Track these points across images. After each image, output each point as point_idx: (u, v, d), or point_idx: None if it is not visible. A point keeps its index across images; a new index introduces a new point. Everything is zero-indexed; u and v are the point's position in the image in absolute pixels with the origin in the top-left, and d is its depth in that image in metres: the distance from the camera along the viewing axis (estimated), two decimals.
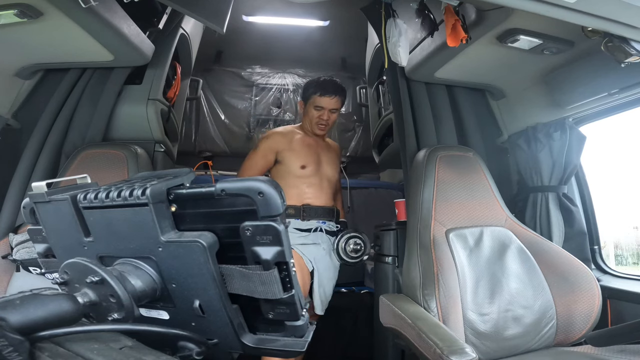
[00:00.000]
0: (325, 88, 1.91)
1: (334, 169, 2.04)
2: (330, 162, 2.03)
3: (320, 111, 1.92)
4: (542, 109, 1.73)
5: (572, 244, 1.68)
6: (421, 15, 1.49)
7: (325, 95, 1.90)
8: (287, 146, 1.92)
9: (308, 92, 1.96)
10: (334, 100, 1.91)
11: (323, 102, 1.90)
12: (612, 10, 0.96)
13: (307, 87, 1.99)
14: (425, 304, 1.31)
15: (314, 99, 1.92)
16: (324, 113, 1.92)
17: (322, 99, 1.90)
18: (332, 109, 1.93)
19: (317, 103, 1.91)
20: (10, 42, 1.45)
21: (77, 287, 0.48)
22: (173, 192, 0.51)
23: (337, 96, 1.92)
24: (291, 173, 1.90)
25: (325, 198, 1.95)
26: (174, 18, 2.05)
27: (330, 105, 1.92)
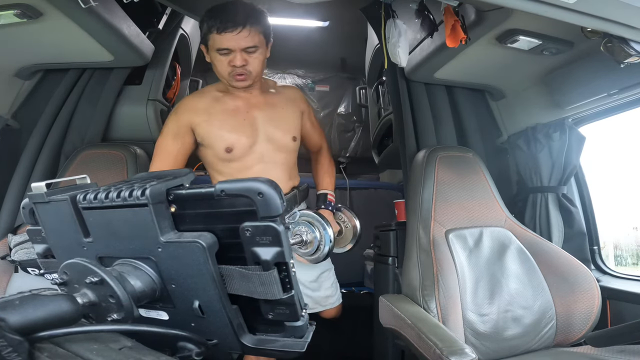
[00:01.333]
0: (224, 18, 1.24)
1: (285, 129, 1.44)
2: (279, 121, 1.43)
3: (229, 55, 1.28)
4: (542, 109, 1.73)
5: (571, 244, 1.68)
6: (421, 15, 1.50)
7: (226, 30, 1.24)
8: (204, 118, 1.35)
9: (203, 30, 1.30)
10: (241, 34, 1.25)
11: (226, 40, 1.25)
12: (612, 11, 0.96)
13: (201, 23, 1.32)
14: (425, 304, 1.31)
15: (213, 39, 1.27)
16: (236, 56, 1.28)
17: (223, 36, 1.25)
18: (246, 47, 1.27)
19: (218, 45, 1.27)
20: (10, 42, 1.45)
21: (77, 288, 0.48)
22: (172, 193, 0.51)
23: (247, 26, 1.25)
24: (217, 157, 1.38)
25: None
26: (173, 18, 2.05)
27: (240, 42, 1.26)
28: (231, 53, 1.28)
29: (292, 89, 1.57)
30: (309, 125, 1.58)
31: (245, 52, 1.28)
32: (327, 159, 1.65)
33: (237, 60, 1.28)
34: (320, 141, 1.64)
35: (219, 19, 1.25)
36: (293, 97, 1.51)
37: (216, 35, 1.25)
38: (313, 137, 1.61)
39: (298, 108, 1.51)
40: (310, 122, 1.58)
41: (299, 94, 1.55)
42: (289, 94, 1.51)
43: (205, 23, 1.28)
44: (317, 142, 1.64)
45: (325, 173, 1.61)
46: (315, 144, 1.64)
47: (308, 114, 1.57)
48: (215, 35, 1.26)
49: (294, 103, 1.50)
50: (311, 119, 1.59)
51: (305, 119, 1.55)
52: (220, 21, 1.24)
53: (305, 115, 1.55)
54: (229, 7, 1.27)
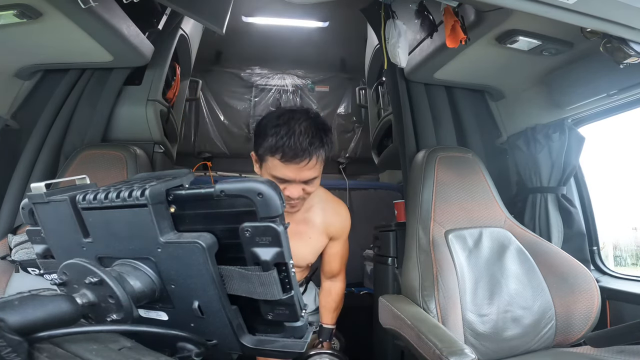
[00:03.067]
0: (291, 147, 1.04)
1: (305, 254, 1.35)
2: (304, 244, 1.33)
3: (284, 184, 1.11)
4: (541, 110, 1.73)
5: (571, 244, 1.68)
6: (420, 16, 1.50)
7: (291, 161, 1.05)
8: None
9: (261, 147, 1.09)
10: (307, 166, 1.07)
11: (289, 171, 1.07)
12: (611, 11, 0.96)
13: (259, 132, 1.11)
14: (425, 304, 1.31)
15: (272, 163, 1.08)
16: (293, 188, 1.11)
17: (286, 166, 1.06)
18: (307, 179, 1.11)
19: (278, 174, 1.08)
20: (10, 43, 1.45)
21: (76, 288, 0.48)
22: (172, 193, 0.51)
23: (314, 156, 1.07)
24: None
25: None
26: (173, 19, 2.05)
27: (303, 175, 1.09)
28: (289, 183, 1.11)
29: (335, 210, 1.37)
30: (333, 252, 1.42)
31: (305, 183, 1.13)
32: (339, 295, 1.49)
33: (294, 192, 1.12)
34: (337, 270, 1.47)
35: (287, 144, 1.03)
36: (330, 222, 1.35)
37: (278, 162, 1.06)
38: (331, 264, 1.45)
39: (327, 236, 1.37)
40: (336, 248, 1.41)
41: (338, 220, 1.36)
42: (326, 220, 1.34)
43: (268, 138, 1.06)
44: (334, 270, 1.46)
45: (333, 311, 1.48)
46: (330, 271, 1.46)
47: (339, 241, 1.40)
48: (276, 161, 1.06)
49: (327, 230, 1.35)
50: (339, 245, 1.41)
51: (332, 244, 1.40)
52: (288, 147, 1.03)
53: (335, 242, 1.40)
54: (299, 126, 1.06)
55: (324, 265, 1.46)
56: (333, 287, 1.49)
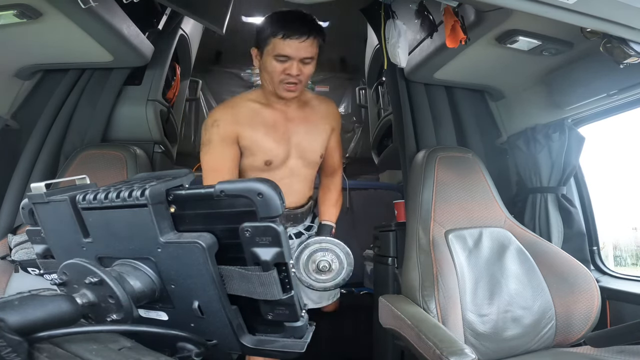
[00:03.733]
0: (291, 26, 1.22)
1: (316, 147, 1.44)
2: (311, 138, 1.43)
3: (285, 62, 1.25)
4: (541, 109, 1.73)
5: (571, 244, 1.68)
6: (420, 16, 1.50)
7: (292, 37, 1.22)
8: (247, 130, 1.34)
9: (264, 33, 1.26)
10: (305, 43, 1.23)
11: (289, 47, 1.23)
12: (611, 11, 0.96)
13: (263, 27, 1.28)
14: (425, 304, 1.31)
15: (274, 44, 1.24)
16: (293, 65, 1.25)
17: (287, 42, 1.22)
18: (305, 57, 1.26)
19: (280, 50, 1.24)
20: (10, 43, 1.45)
21: (76, 288, 0.48)
22: (172, 193, 0.51)
23: (311, 37, 1.24)
24: (255, 168, 1.38)
25: (297, 196, 1.46)
26: (173, 19, 2.05)
27: (301, 52, 1.24)
28: (288, 61, 1.25)
29: (327, 103, 1.50)
30: (333, 144, 1.52)
31: (302, 62, 1.26)
32: (338, 189, 1.57)
33: (294, 69, 1.25)
34: (338, 164, 1.57)
35: (286, 24, 1.22)
36: (327, 112, 1.47)
37: (280, 40, 1.22)
38: (332, 157, 1.54)
39: (330, 125, 1.48)
40: (335, 140, 1.52)
41: (333, 110, 1.51)
42: (324, 110, 1.47)
43: (269, 26, 1.24)
44: (334, 164, 1.56)
45: (333, 205, 1.53)
46: (331, 165, 1.55)
47: (336, 132, 1.52)
48: (278, 40, 1.22)
49: (327, 119, 1.47)
50: (337, 137, 1.53)
51: (332, 136, 1.50)
52: (287, 27, 1.21)
53: (334, 133, 1.51)
54: (295, 15, 1.25)
55: (326, 160, 1.52)
56: (332, 183, 1.56)
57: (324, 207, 1.52)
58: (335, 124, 1.51)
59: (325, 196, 1.55)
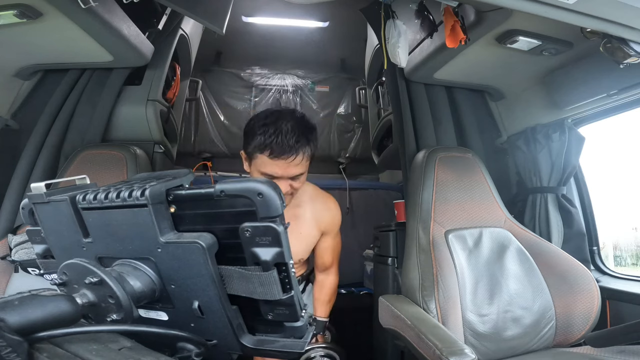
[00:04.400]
0: (279, 143, 1.09)
1: (299, 250, 1.38)
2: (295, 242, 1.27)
3: (273, 179, 1.14)
4: (541, 110, 1.73)
5: (571, 245, 1.68)
6: (420, 16, 1.50)
7: (280, 157, 1.11)
8: None
9: (250, 144, 1.15)
10: (295, 161, 1.13)
11: (277, 167, 1.13)
12: (611, 11, 0.96)
13: (249, 134, 1.16)
14: (425, 305, 1.31)
15: (261, 160, 1.13)
16: (281, 183, 1.15)
17: (274, 162, 1.12)
18: (294, 175, 1.16)
19: (267, 170, 1.14)
20: (10, 43, 1.45)
21: (76, 288, 0.48)
22: (172, 193, 0.51)
23: (300, 153, 1.13)
24: None
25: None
26: (173, 19, 2.05)
27: (290, 171, 1.14)
28: (276, 179, 1.15)
29: (323, 205, 1.40)
30: (325, 245, 1.45)
31: (292, 179, 1.18)
32: (332, 288, 1.52)
33: (282, 188, 1.14)
34: (330, 263, 1.49)
35: (273, 141, 1.09)
36: (319, 217, 1.38)
37: (266, 158, 1.12)
38: (323, 258, 1.48)
39: (319, 230, 1.40)
40: (327, 242, 1.45)
41: (327, 213, 1.40)
42: (316, 213, 1.38)
43: (256, 137, 1.12)
44: (326, 264, 1.49)
45: (326, 303, 1.50)
46: (323, 264, 1.49)
47: (330, 234, 1.44)
48: (264, 158, 1.12)
49: (318, 225, 1.39)
50: (330, 239, 1.45)
51: (324, 238, 1.43)
52: (276, 144, 1.09)
53: (325, 236, 1.43)
54: (285, 125, 1.12)
55: (317, 258, 1.49)
56: (326, 280, 1.52)
57: (317, 304, 1.51)
58: (329, 228, 1.42)
59: (319, 293, 1.51)
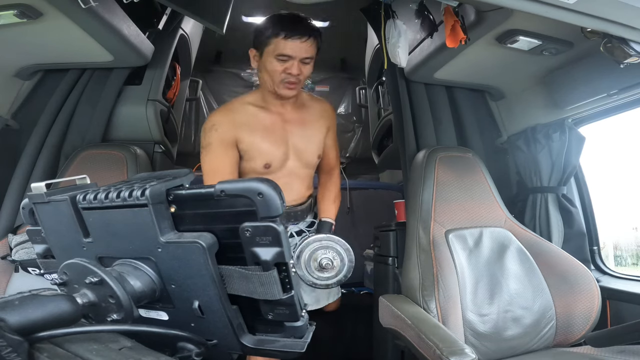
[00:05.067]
0: (293, 26, 1.26)
1: (313, 148, 1.46)
2: (308, 139, 1.45)
3: (286, 62, 1.28)
4: (542, 109, 1.73)
5: (571, 244, 1.68)
6: (420, 16, 1.50)
7: (293, 37, 1.25)
8: (246, 133, 1.35)
9: (264, 34, 1.28)
10: (306, 44, 1.27)
11: (290, 47, 1.26)
12: (611, 11, 0.96)
13: (263, 28, 1.30)
14: (425, 304, 1.31)
15: (276, 44, 1.26)
16: (293, 65, 1.28)
17: (288, 42, 1.26)
18: (305, 57, 1.29)
19: (281, 50, 1.26)
20: (10, 43, 1.45)
21: (76, 288, 0.48)
22: (172, 193, 0.51)
23: (311, 37, 1.28)
24: (254, 171, 1.39)
25: (296, 195, 1.47)
26: (173, 19, 2.05)
27: (302, 51, 1.28)
28: (289, 60, 1.28)
29: (322, 103, 1.53)
30: (330, 143, 1.55)
31: (302, 61, 1.29)
32: (337, 186, 1.59)
33: (294, 69, 1.28)
34: (335, 162, 1.59)
35: (288, 25, 1.26)
36: (322, 113, 1.50)
37: (281, 40, 1.25)
38: (329, 156, 1.57)
39: (325, 124, 1.51)
40: (331, 139, 1.55)
41: (328, 110, 1.53)
42: (319, 110, 1.50)
43: (270, 27, 1.27)
44: (332, 163, 1.58)
45: (332, 202, 1.54)
46: (328, 164, 1.58)
47: (332, 131, 1.55)
48: (280, 40, 1.25)
49: (323, 119, 1.50)
50: (333, 136, 1.56)
51: (328, 135, 1.53)
52: (289, 28, 1.25)
53: (329, 132, 1.53)
54: (295, 17, 1.29)
55: (323, 159, 1.55)
56: (330, 181, 1.58)
57: (323, 205, 1.53)
58: (331, 123, 1.53)
59: (324, 194, 1.56)
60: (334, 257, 1.34)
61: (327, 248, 1.34)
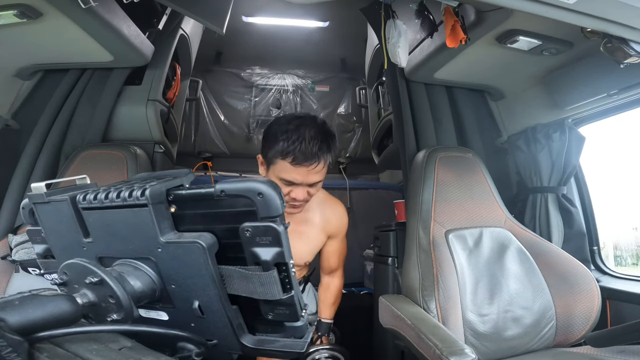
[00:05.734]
0: (302, 151, 1.09)
1: (303, 254, 1.39)
2: (301, 245, 1.37)
3: (292, 186, 1.15)
4: (542, 109, 1.73)
5: (571, 244, 1.68)
6: (421, 16, 1.50)
7: (301, 164, 1.10)
8: None
9: (271, 149, 1.13)
10: (315, 169, 1.13)
11: (297, 174, 1.12)
12: (611, 11, 0.96)
13: (270, 139, 1.14)
14: (425, 304, 1.31)
15: (282, 166, 1.12)
16: (299, 189, 1.16)
17: (295, 169, 1.11)
18: (313, 182, 1.16)
19: (287, 176, 1.13)
20: (10, 43, 1.45)
21: (76, 288, 0.48)
22: (172, 193, 0.51)
23: (321, 160, 1.12)
24: None
25: None
26: (173, 19, 2.05)
27: (310, 178, 1.14)
28: (295, 185, 1.15)
29: (332, 210, 1.40)
30: (331, 249, 1.47)
31: (310, 185, 1.17)
32: (338, 289, 1.54)
33: (300, 194, 1.16)
34: (336, 267, 1.52)
35: (298, 149, 1.08)
36: (327, 221, 1.39)
37: (288, 165, 1.10)
38: (329, 261, 1.50)
39: (326, 234, 1.42)
40: (334, 246, 1.46)
41: (335, 217, 1.41)
42: (325, 218, 1.39)
43: (279, 142, 1.10)
44: (332, 267, 1.52)
45: (331, 305, 1.52)
46: (328, 268, 1.52)
47: (337, 238, 1.46)
48: (287, 165, 1.11)
49: (325, 228, 1.40)
50: (336, 243, 1.47)
51: (330, 242, 1.45)
52: (299, 151, 1.08)
53: (332, 239, 1.45)
54: (308, 132, 1.11)
55: (323, 262, 1.51)
56: (331, 283, 1.54)
57: (322, 306, 1.53)
58: (336, 232, 1.44)
59: (324, 295, 1.53)
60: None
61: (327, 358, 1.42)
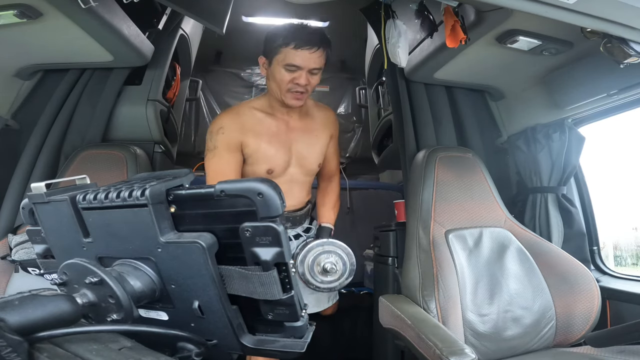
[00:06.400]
0: (303, 36, 1.26)
1: (315, 157, 1.48)
2: (311, 147, 1.47)
3: (294, 72, 1.29)
4: (542, 109, 1.73)
5: (571, 244, 1.68)
6: (420, 16, 1.50)
7: (303, 48, 1.26)
8: (252, 138, 1.37)
9: (275, 43, 1.29)
10: (315, 54, 1.28)
11: (300, 57, 1.27)
12: (611, 11, 0.96)
13: (273, 36, 1.31)
14: (425, 304, 1.31)
15: (285, 53, 1.27)
16: (302, 75, 1.29)
17: (298, 53, 1.26)
18: (314, 68, 1.30)
19: (290, 60, 1.27)
20: (10, 43, 1.45)
21: (76, 288, 0.48)
22: (172, 193, 0.51)
23: (321, 48, 1.29)
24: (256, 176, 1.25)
25: (296, 200, 1.49)
26: (173, 19, 2.05)
27: (311, 62, 1.28)
28: (298, 71, 1.29)
29: (326, 112, 1.55)
30: (331, 151, 1.57)
31: (310, 72, 1.30)
32: (336, 193, 1.60)
33: (302, 79, 1.29)
34: (335, 170, 1.61)
35: (298, 35, 1.26)
36: (326, 121, 1.52)
37: (291, 50, 1.26)
38: (330, 163, 1.59)
39: (328, 133, 1.52)
40: (333, 147, 1.57)
41: (332, 118, 1.55)
42: (323, 118, 1.52)
43: (280, 36, 1.28)
44: (332, 170, 1.60)
45: (331, 208, 1.56)
46: (329, 171, 1.60)
47: (334, 139, 1.56)
48: (289, 50, 1.26)
49: (326, 128, 1.51)
50: (335, 144, 1.58)
51: (330, 144, 1.55)
52: (299, 38, 1.25)
53: (332, 140, 1.55)
54: (306, 27, 1.31)
55: (324, 166, 1.57)
56: (330, 187, 1.60)
57: (323, 210, 1.55)
58: (334, 131, 1.55)
59: (323, 199, 1.58)
60: (336, 261, 1.36)
61: (329, 252, 1.37)
